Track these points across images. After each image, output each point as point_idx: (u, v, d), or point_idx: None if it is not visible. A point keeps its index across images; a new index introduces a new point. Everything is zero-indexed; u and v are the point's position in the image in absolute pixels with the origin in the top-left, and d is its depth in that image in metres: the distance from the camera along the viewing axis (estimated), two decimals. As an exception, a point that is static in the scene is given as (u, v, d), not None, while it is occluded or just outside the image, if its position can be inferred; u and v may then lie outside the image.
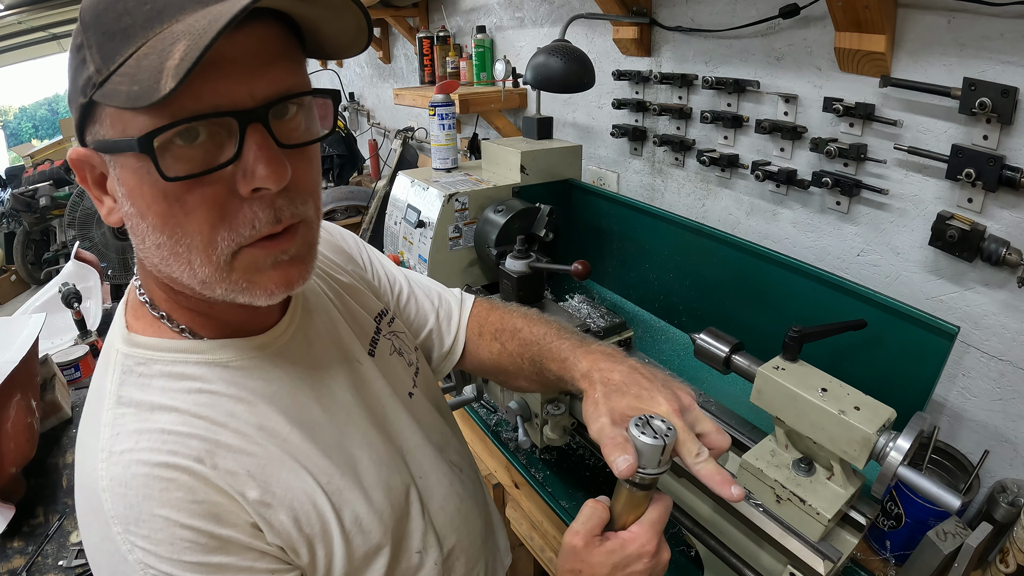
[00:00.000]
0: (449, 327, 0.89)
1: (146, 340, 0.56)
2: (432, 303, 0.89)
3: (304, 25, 0.48)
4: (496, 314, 0.87)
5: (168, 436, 0.51)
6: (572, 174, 1.66)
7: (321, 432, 0.60)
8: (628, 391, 0.60)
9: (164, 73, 0.38)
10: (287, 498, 0.55)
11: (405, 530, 0.67)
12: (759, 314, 1.17)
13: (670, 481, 1.02)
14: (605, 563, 0.56)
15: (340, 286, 0.75)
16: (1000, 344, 1.06)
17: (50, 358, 1.43)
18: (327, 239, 0.81)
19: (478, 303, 0.92)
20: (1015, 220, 1.01)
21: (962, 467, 1.10)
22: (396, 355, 0.77)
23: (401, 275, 0.89)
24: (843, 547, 0.80)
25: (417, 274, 0.93)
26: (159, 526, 0.48)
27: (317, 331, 0.66)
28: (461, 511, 0.76)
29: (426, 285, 0.91)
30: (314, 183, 0.52)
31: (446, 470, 0.76)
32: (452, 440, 0.83)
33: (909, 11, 1.07)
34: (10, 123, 12.73)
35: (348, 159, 3.64)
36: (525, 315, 0.84)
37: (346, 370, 0.67)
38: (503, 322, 0.85)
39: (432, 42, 2.67)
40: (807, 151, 1.31)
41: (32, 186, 5.35)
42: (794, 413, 0.78)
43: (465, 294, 0.93)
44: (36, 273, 5.30)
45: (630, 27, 1.64)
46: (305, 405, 0.60)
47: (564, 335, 0.75)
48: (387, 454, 0.67)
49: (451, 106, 1.67)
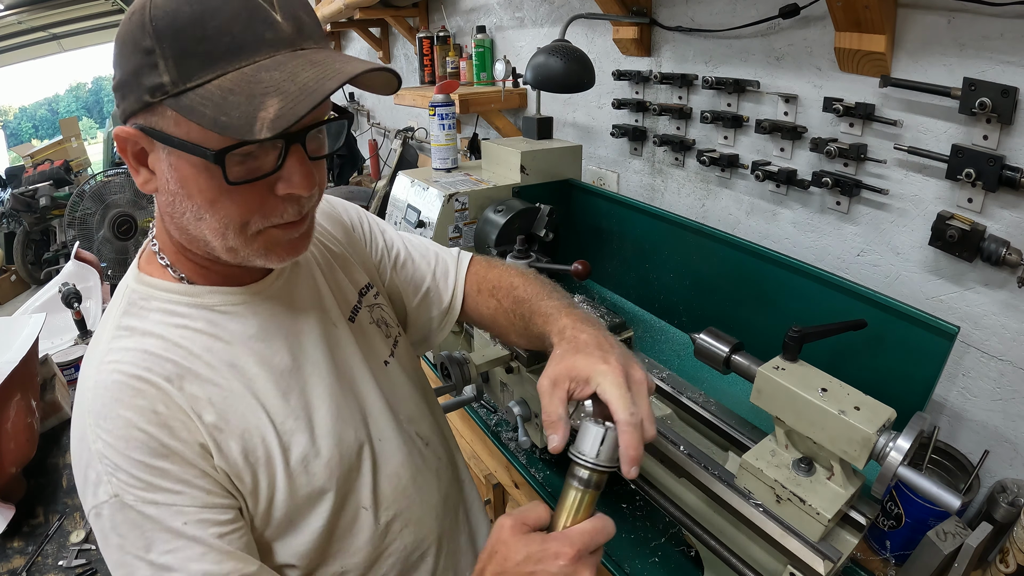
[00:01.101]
0: (447, 284, 0.92)
1: (150, 280, 0.66)
2: (428, 263, 0.92)
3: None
4: (495, 271, 0.90)
5: (148, 356, 0.61)
6: (572, 174, 1.66)
7: (285, 377, 0.67)
8: (584, 350, 0.63)
9: (260, 122, 0.49)
10: (239, 428, 0.63)
11: (353, 484, 0.72)
12: (759, 314, 1.17)
13: (671, 481, 1.02)
14: (520, 550, 0.56)
15: (331, 255, 0.82)
16: (1000, 344, 1.06)
17: (50, 358, 1.43)
18: (327, 211, 0.87)
19: (476, 260, 0.95)
20: (1015, 220, 1.01)
21: (962, 467, 1.10)
22: (375, 326, 0.83)
23: (399, 240, 0.93)
24: (843, 547, 0.80)
25: (418, 238, 0.97)
26: (120, 424, 0.57)
27: (300, 291, 0.74)
28: (417, 482, 0.80)
29: (423, 247, 0.94)
30: (323, 180, 0.63)
31: (407, 439, 0.80)
32: (425, 415, 0.87)
33: (909, 11, 1.07)
34: (10, 123, 12.74)
35: (348, 159, 3.64)
36: (522, 273, 0.87)
37: (321, 329, 0.73)
38: (500, 279, 0.88)
39: (432, 42, 2.67)
40: (807, 151, 1.31)
41: (32, 186, 5.35)
42: (794, 413, 0.78)
43: (463, 252, 0.96)
44: (36, 273, 5.30)
45: (630, 27, 1.64)
46: (276, 351, 0.68)
47: (554, 296, 0.79)
48: (347, 409, 0.72)
49: (451, 106, 1.67)
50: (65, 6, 6.96)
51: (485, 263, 0.94)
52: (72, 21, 7.72)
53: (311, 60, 0.52)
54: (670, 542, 1.11)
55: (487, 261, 0.94)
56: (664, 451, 1.00)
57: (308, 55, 0.53)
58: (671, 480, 1.02)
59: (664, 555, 1.08)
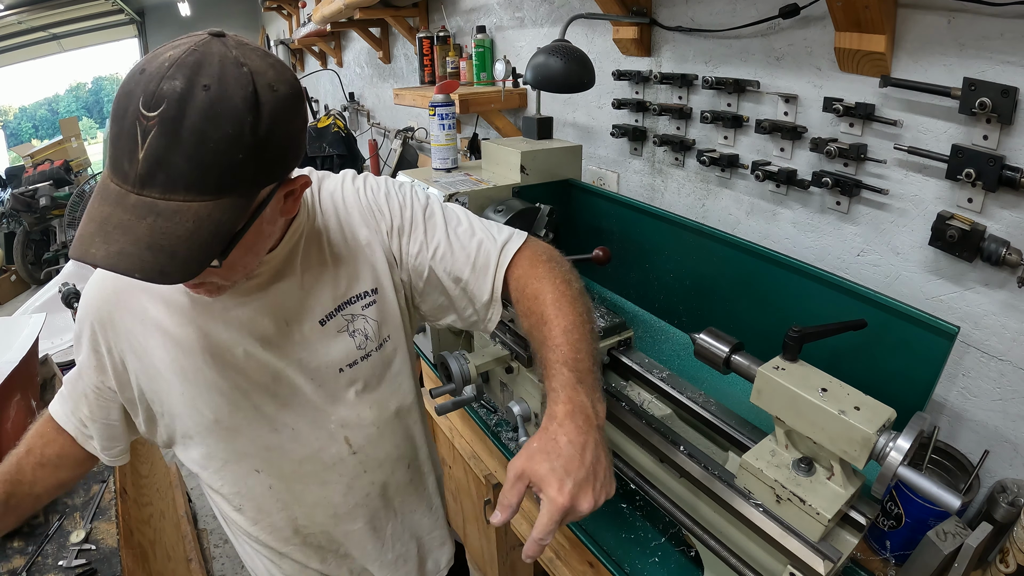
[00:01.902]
0: (486, 280, 0.87)
1: None
2: (468, 256, 0.87)
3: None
4: (532, 287, 0.84)
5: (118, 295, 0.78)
6: (572, 174, 1.66)
7: (184, 346, 0.79)
8: (556, 461, 0.64)
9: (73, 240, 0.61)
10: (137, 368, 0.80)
11: (237, 444, 0.84)
12: (759, 314, 1.17)
13: (671, 481, 1.02)
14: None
15: (330, 256, 0.84)
16: (1000, 344, 1.06)
17: (50, 358, 1.43)
18: (361, 204, 0.88)
19: (520, 258, 0.88)
20: (1015, 220, 1.01)
21: (962, 467, 1.10)
22: (345, 334, 0.85)
23: (442, 230, 0.88)
24: (843, 547, 0.80)
25: (467, 219, 0.91)
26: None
27: (277, 285, 0.79)
28: (321, 476, 0.88)
29: (467, 235, 0.89)
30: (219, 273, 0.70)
31: (327, 437, 0.87)
32: (370, 427, 0.90)
33: (909, 11, 1.07)
34: (10, 123, 12.72)
35: (348, 159, 3.63)
36: (556, 299, 0.80)
37: (266, 324, 0.80)
38: (535, 303, 0.82)
39: (432, 42, 2.67)
40: (807, 151, 1.31)
41: (32, 186, 5.35)
42: (794, 413, 0.78)
43: (512, 239, 0.89)
44: (36, 273, 5.30)
45: (630, 27, 1.64)
46: (205, 335, 0.78)
47: (573, 357, 0.74)
48: (221, 385, 0.81)
49: (451, 106, 1.67)
50: (65, 6, 6.96)
51: (528, 262, 0.87)
52: (72, 21, 7.72)
53: (128, 215, 0.55)
54: (670, 542, 1.11)
55: (530, 262, 0.87)
56: (664, 451, 1.00)
57: (135, 207, 0.55)
58: (671, 480, 1.02)
59: (664, 555, 1.08)
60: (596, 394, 0.72)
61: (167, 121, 0.53)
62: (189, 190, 0.55)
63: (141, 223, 0.55)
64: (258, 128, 0.57)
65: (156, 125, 0.53)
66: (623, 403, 1.11)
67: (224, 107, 0.55)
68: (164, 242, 0.55)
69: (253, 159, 0.57)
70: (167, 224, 0.55)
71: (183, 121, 0.53)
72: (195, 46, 0.57)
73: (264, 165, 0.59)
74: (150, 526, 1.55)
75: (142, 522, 1.48)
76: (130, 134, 0.54)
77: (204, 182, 0.56)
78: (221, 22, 7.52)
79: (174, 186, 0.55)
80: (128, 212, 0.55)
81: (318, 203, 0.85)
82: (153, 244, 0.55)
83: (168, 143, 0.54)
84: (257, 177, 0.60)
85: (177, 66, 0.55)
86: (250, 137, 0.56)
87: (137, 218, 0.55)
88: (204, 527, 2.40)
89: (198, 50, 0.56)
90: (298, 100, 0.63)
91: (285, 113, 0.60)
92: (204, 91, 0.54)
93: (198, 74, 0.55)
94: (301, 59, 5.61)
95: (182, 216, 0.55)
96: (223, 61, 0.56)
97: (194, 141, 0.54)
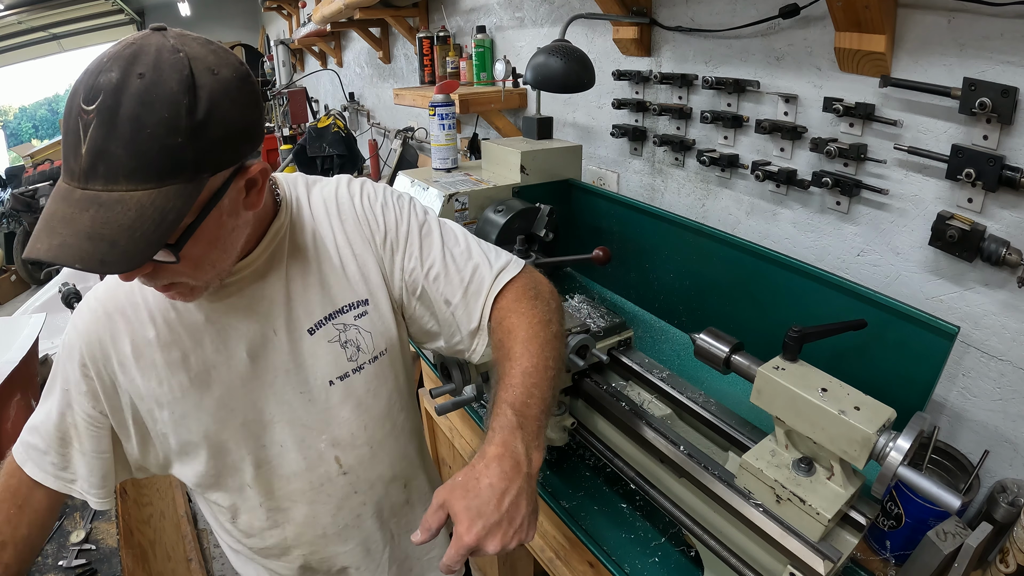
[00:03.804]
0: (476, 306, 0.86)
1: None
2: (463, 279, 0.86)
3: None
4: (510, 320, 0.83)
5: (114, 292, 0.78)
6: (572, 174, 1.66)
7: (170, 353, 0.77)
8: (469, 499, 0.64)
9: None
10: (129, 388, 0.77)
11: (230, 461, 0.82)
12: (759, 314, 1.17)
13: (671, 481, 1.02)
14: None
15: (321, 263, 0.82)
16: (1000, 344, 1.06)
17: (50, 358, 1.43)
18: (358, 213, 0.85)
19: (508, 291, 0.86)
20: (1015, 220, 1.01)
21: (962, 467, 1.10)
22: (335, 344, 0.83)
23: (439, 250, 0.86)
24: (843, 547, 0.80)
25: (465, 240, 0.89)
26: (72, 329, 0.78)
27: (259, 290, 0.78)
28: (308, 496, 0.87)
29: (463, 258, 0.87)
30: (171, 274, 0.68)
31: (317, 457, 0.85)
32: (363, 446, 0.88)
33: (909, 11, 1.07)
34: (10, 123, 12.73)
35: (348, 159, 3.63)
36: (528, 339, 0.79)
37: (255, 330, 0.79)
38: (507, 338, 0.81)
39: (432, 42, 2.67)
40: (807, 151, 1.31)
41: (32, 186, 5.36)
42: (794, 413, 0.78)
43: (505, 270, 0.87)
44: (36, 273, 5.30)
45: (630, 27, 1.64)
46: (199, 344, 0.77)
47: (523, 400, 0.73)
48: (214, 403, 0.79)
49: (451, 106, 1.67)
50: (65, 6, 6.96)
51: (515, 294, 0.85)
52: (72, 21, 7.73)
53: (71, 208, 0.56)
54: (670, 542, 1.11)
55: (520, 290, 0.86)
56: (664, 451, 1.00)
57: (79, 201, 0.56)
58: (671, 480, 1.02)
59: (664, 555, 1.08)
60: (535, 441, 0.70)
61: (104, 111, 0.54)
62: (130, 179, 0.55)
63: (83, 215, 0.55)
64: (195, 110, 0.56)
65: (95, 117, 0.54)
66: (623, 403, 1.11)
67: (159, 92, 0.55)
68: (105, 231, 0.55)
69: (192, 142, 0.57)
70: (108, 214, 0.55)
71: (119, 110, 0.54)
72: (134, 40, 0.58)
73: (206, 149, 0.58)
74: (150, 526, 1.55)
75: (142, 522, 1.48)
76: (74, 130, 0.55)
77: (144, 169, 0.56)
78: (221, 22, 7.52)
79: (115, 176, 0.55)
80: (72, 206, 0.55)
81: (307, 207, 0.83)
82: (93, 234, 0.55)
83: (106, 133, 0.54)
84: (199, 161, 0.58)
85: (113, 59, 0.56)
86: (186, 119, 0.56)
87: (80, 211, 0.55)
88: (204, 527, 2.39)
89: (135, 43, 0.57)
90: (244, 84, 0.62)
91: (228, 96, 0.59)
92: (139, 79, 0.55)
93: (133, 64, 0.55)
94: (301, 59, 5.61)
95: (124, 206, 0.55)
96: (160, 50, 0.57)
97: (131, 128, 0.54)
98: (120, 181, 0.55)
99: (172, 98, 0.55)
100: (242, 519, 0.88)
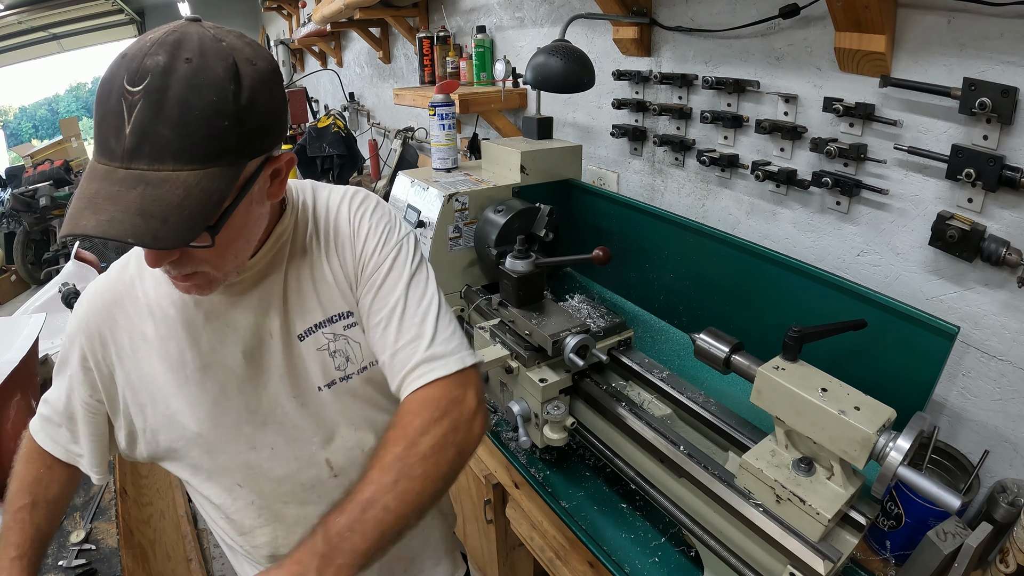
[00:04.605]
0: (394, 378, 0.79)
1: None
2: (396, 342, 0.79)
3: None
4: (397, 429, 0.73)
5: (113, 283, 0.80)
6: (572, 174, 1.66)
7: (185, 372, 0.78)
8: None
9: (65, 220, 0.61)
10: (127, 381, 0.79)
11: (220, 461, 0.82)
12: (759, 314, 1.17)
13: (671, 482, 1.02)
14: None
15: (315, 272, 0.82)
16: (1000, 344, 1.06)
17: (50, 358, 1.43)
18: (347, 235, 0.83)
19: (431, 388, 0.75)
20: (1015, 220, 1.01)
21: (962, 467, 1.10)
22: (324, 352, 0.83)
23: (392, 301, 0.80)
24: (843, 547, 0.80)
25: (422, 307, 0.80)
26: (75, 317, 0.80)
27: (257, 291, 0.79)
28: (299, 497, 0.86)
29: (406, 324, 0.79)
30: (197, 260, 0.69)
31: (308, 460, 0.85)
32: (351, 448, 0.87)
33: (909, 11, 1.07)
34: (10, 123, 12.73)
35: (348, 159, 3.63)
36: (393, 463, 0.69)
37: (250, 333, 0.79)
38: (380, 448, 0.72)
39: (432, 42, 2.67)
40: (807, 151, 1.31)
41: (32, 186, 5.35)
42: (794, 413, 0.78)
43: (435, 361, 0.76)
44: (36, 273, 5.30)
45: (630, 27, 1.64)
46: (176, 332, 0.78)
47: (345, 530, 0.65)
48: (210, 402, 0.80)
49: (451, 106, 1.67)
50: (65, 6, 6.97)
51: (428, 397, 0.74)
52: (72, 21, 7.73)
53: (117, 186, 0.56)
54: (670, 542, 1.11)
55: (436, 399, 0.74)
56: (664, 451, 1.00)
57: (123, 179, 0.56)
58: (671, 480, 1.02)
59: (664, 555, 1.08)
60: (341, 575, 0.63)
61: (152, 92, 0.55)
62: (177, 159, 0.56)
63: (131, 192, 0.56)
64: (240, 97, 0.59)
65: (141, 98, 0.55)
66: (623, 403, 1.11)
67: (206, 76, 0.56)
68: (155, 209, 0.55)
69: (236, 127, 0.59)
70: (157, 192, 0.56)
71: (167, 92, 0.55)
72: (174, 28, 0.59)
73: (248, 135, 0.60)
74: (150, 526, 1.55)
75: (142, 522, 1.48)
76: (116, 111, 0.55)
77: (191, 150, 0.57)
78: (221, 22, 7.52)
79: (161, 156, 0.56)
80: (117, 184, 0.56)
81: (311, 213, 0.83)
82: (144, 210, 0.55)
83: (153, 114, 0.55)
84: (242, 146, 0.60)
85: (159, 44, 0.57)
86: (232, 105, 0.58)
87: (127, 188, 0.56)
88: (204, 527, 2.39)
89: (177, 31, 0.59)
90: (276, 77, 0.65)
91: (265, 86, 0.62)
92: (186, 63, 0.56)
93: (179, 49, 0.57)
94: (301, 59, 5.61)
95: (171, 185, 0.56)
96: (202, 39, 0.59)
97: (179, 110, 0.55)
98: (167, 160, 0.56)
99: (219, 83, 0.57)
100: (233, 517, 0.88)
